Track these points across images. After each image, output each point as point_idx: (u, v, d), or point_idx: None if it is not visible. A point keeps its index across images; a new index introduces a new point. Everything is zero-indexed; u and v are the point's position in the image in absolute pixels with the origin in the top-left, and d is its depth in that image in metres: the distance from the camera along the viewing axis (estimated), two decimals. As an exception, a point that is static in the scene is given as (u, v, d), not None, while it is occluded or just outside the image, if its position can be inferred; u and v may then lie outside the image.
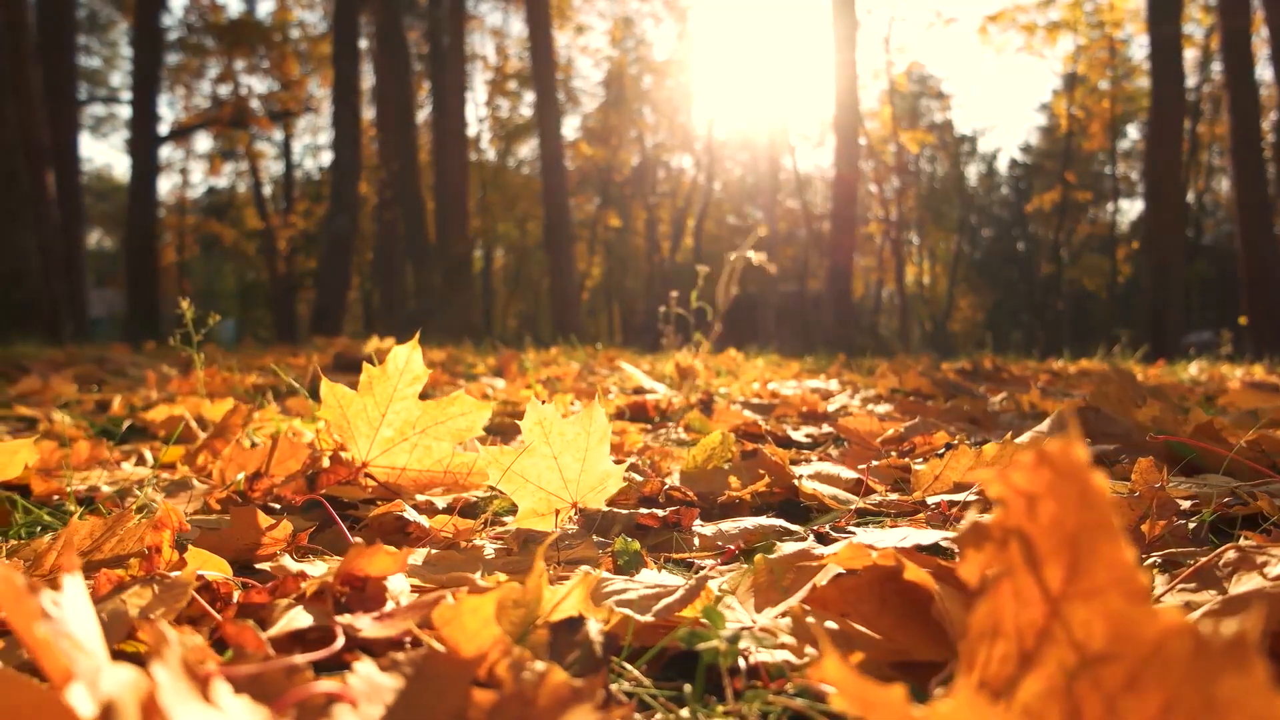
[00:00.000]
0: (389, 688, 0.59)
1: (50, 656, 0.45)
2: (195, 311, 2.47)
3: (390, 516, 1.33)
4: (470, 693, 0.58)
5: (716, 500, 1.55)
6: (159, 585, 0.78)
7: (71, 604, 0.54)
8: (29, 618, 0.45)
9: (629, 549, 1.14)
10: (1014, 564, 0.56)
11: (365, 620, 0.72)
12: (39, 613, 0.45)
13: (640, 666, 0.76)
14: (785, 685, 0.72)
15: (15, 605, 0.46)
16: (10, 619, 0.46)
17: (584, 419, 1.35)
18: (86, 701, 0.44)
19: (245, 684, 0.57)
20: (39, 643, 0.45)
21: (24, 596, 0.46)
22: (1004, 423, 2.70)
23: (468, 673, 0.60)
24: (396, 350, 1.60)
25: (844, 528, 1.33)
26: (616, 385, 3.85)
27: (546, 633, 0.71)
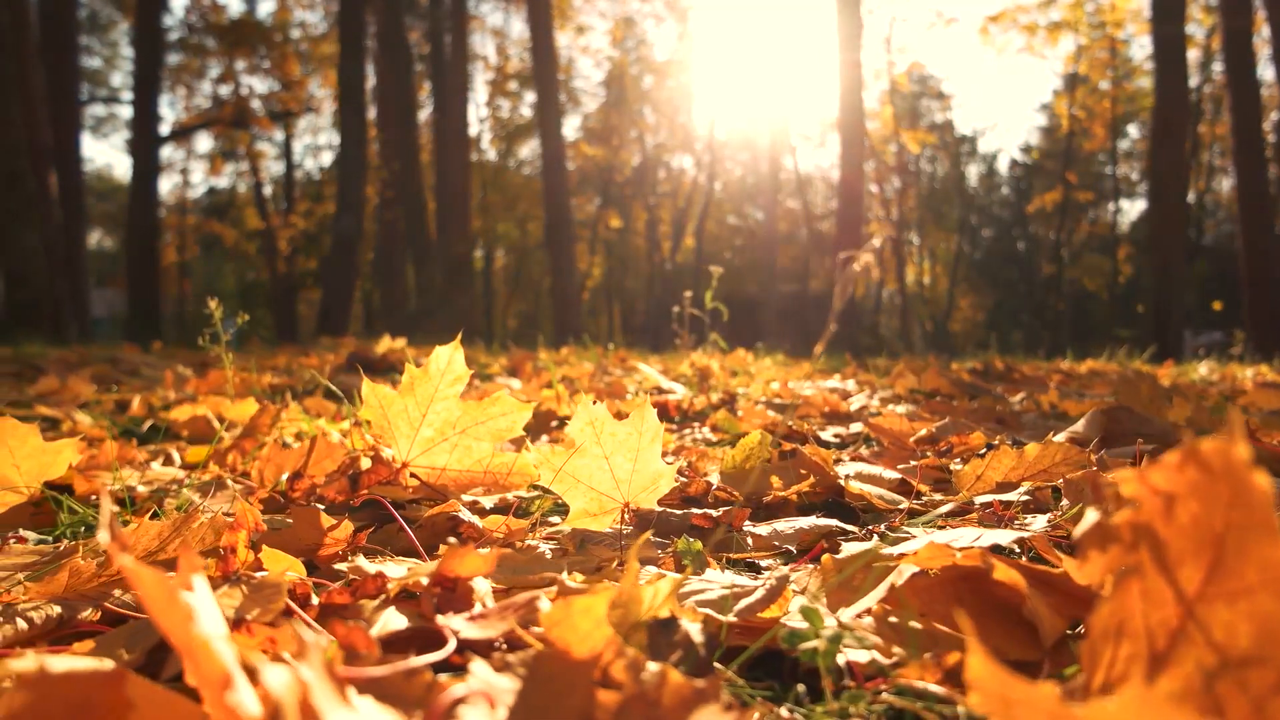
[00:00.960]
0: (507, 689, 0.59)
1: (207, 659, 0.44)
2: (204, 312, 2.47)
3: (443, 517, 1.33)
4: (594, 693, 0.58)
5: (762, 500, 1.55)
6: (247, 586, 0.77)
7: (201, 605, 0.53)
8: (184, 620, 0.45)
9: (692, 549, 1.13)
10: (1144, 564, 0.56)
11: (460, 621, 0.72)
12: (191, 614, 0.45)
13: (733, 666, 0.76)
14: (882, 684, 0.72)
15: (167, 607, 0.45)
16: (162, 620, 0.46)
17: (636, 420, 1.34)
18: (253, 702, 0.43)
19: (367, 686, 0.57)
20: (195, 644, 0.44)
21: (176, 598, 0.45)
22: (1028, 422, 2.69)
23: (586, 673, 0.60)
24: (438, 351, 1.60)
25: (899, 528, 1.32)
26: (634, 385, 3.85)
27: (645, 633, 0.71)
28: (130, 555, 0.47)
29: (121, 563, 0.47)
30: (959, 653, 0.76)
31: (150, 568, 0.46)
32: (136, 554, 1.01)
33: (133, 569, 0.46)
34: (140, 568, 0.46)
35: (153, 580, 0.46)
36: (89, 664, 0.56)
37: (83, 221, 19.68)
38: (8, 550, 1.18)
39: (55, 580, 0.93)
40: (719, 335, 4.49)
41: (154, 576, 0.46)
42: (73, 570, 0.94)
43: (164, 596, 0.45)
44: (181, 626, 0.45)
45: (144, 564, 0.46)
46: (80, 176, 19.16)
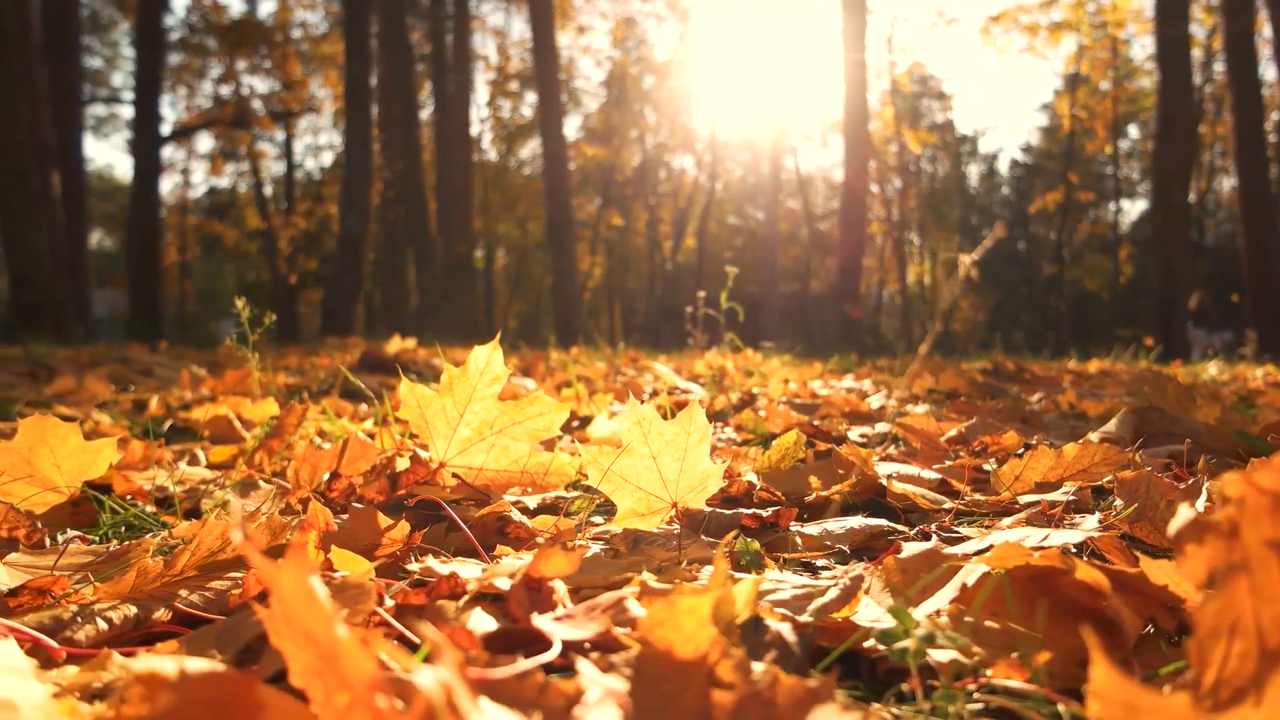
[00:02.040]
0: (618, 690, 0.59)
1: (354, 660, 0.44)
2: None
3: (491, 517, 1.33)
4: (710, 693, 0.58)
5: (803, 500, 1.55)
6: (331, 588, 0.77)
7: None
8: (326, 622, 0.45)
9: (749, 549, 1.13)
10: (1252, 560, 0.56)
11: (549, 621, 0.72)
12: (333, 616, 0.45)
13: (820, 667, 0.76)
14: (971, 684, 0.72)
15: (307, 608, 0.45)
16: (301, 622, 0.46)
17: (684, 419, 1.34)
18: (397, 703, 0.43)
19: (483, 687, 0.57)
20: (340, 646, 0.44)
21: (317, 600, 0.45)
22: (1051, 422, 2.69)
23: (697, 673, 0.60)
24: (477, 351, 1.60)
25: (950, 528, 1.32)
26: (650, 385, 3.85)
27: (736, 634, 0.71)
28: (264, 555, 0.47)
29: (259, 564, 0.47)
30: (1047, 652, 0.76)
31: (289, 569, 0.46)
32: (303, 551, 1.01)
33: (271, 570, 0.46)
34: (279, 569, 0.46)
35: (292, 582, 0.45)
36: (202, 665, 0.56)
37: (85, 222, 19.67)
38: (66, 550, 1.18)
39: (123, 580, 0.93)
40: (724, 335, 4.50)
41: (294, 578, 0.45)
42: (140, 570, 0.94)
43: (304, 598, 0.45)
44: (325, 628, 0.45)
45: (284, 565, 0.46)
46: (83, 177, 19.16)
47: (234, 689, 0.47)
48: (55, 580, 0.92)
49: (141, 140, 22.38)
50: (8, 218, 9.57)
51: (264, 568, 0.46)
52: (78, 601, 0.94)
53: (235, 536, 0.46)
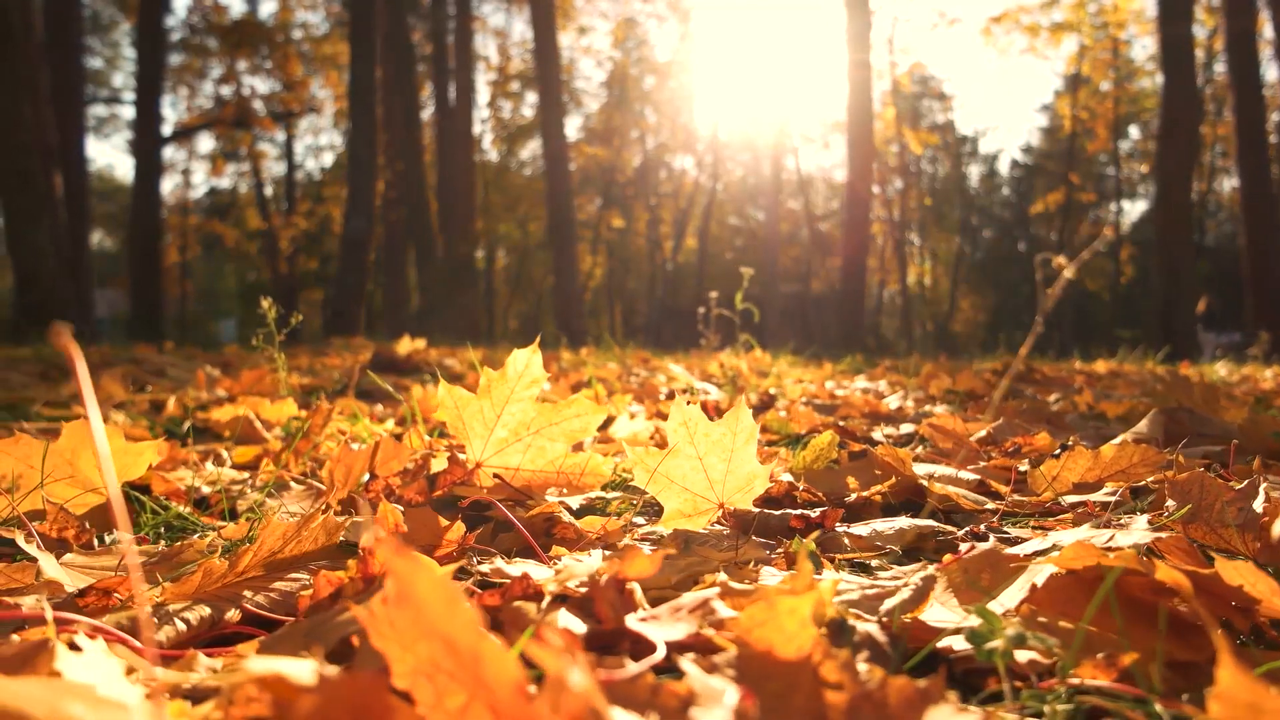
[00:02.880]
0: (724, 690, 0.59)
1: (497, 663, 0.44)
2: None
3: (540, 517, 1.33)
4: (822, 693, 0.57)
5: (843, 500, 1.55)
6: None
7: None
8: (469, 624, 0.45)
9: (806, 549, 1.13)
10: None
11: (635, 622, 0.71)
12: (476, 618, 0.45)
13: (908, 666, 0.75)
14: (1056, 684, 0.72)
15: (447, 611, 0.45)
16: (441, 624, 0.46)
17: (730, 420, 1.34)
18: (547, 707, 0.43)
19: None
20: (484, 649, 0.44)
21: (458, 603, 0.45)
22: (1073, 423, 2.70)
23: (805, 673, 0.60)
24: (517, 353, 1.60)
25: (997, 528, 1.32)
26: (666, 386, 3.85)
27: (825, 633, 0.71)
28: (406, 557, 0.47)
29: (399, 566, 0.46)
30: (1134, 653, 0.76)
31: (428, 571, 0.46)
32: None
33: (411, 573, 0.46)
34: (419, 572, 0.46)
35: (431, 584, 0.45)
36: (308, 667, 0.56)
37: (87, 222, 19.67)
38: (116, 550, 1.18)
39: (189, 581, 0.93)
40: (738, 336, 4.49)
41: (432, 580, 0.45)
42: (206, 571, 0.94)
43: (445, 601, 0.45)
44: (468, 630, 0.44)
45: (423, 567, 0.46)
46: (85, 177, 19.16)
47: (370, 692, 0.47)
48: (121, 581, 0.91)
49: (142, 140, 22.36)
50: (13, 218, 9.56)
51: (403, 570, 0.46)
52: (153, 602, 0.93)
53: (367, 540, 0.46)
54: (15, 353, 6.17)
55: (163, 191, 28.71)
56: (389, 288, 24.18)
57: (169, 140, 28.17)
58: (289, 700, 0.50)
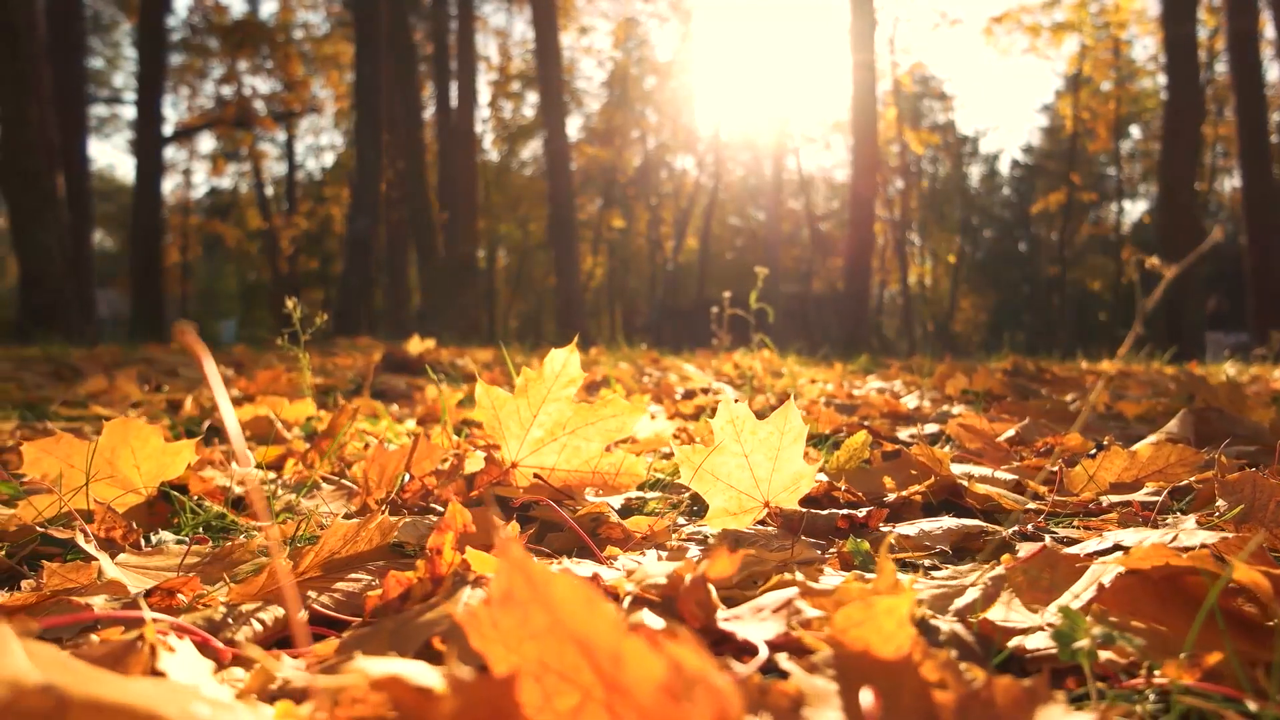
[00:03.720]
0: (830, 690, 0.59)
1: (640, 663, 0.44)
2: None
3: (587, 517, 1.33)
4: (930, 692, 0.57)
5: (882, 500, 1.55)
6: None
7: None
8: (610, 625, 0.44)
9: (860, 549, 1.13)
10: None
11: (728, 622, 0.71)
12: (617, 617, 0.45)
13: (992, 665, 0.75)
14: (1140, 684, 0.72)
15: (586, 612, 0.45)
16: (578, 625, 0.45)
17: (778, 419, 1.34)
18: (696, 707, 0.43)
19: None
20: (627, 649, 0.44)
21: (596, 604, 0.45)
22: (1094, 424, 2.70)
23: (908, 673, 0.60)
24: (554, 353, 1.60)
25: (1045, 528, 1.32)
26: (680, 386, 3.85)
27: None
28: (529, 559, 0.47)
29: (529, 569, 0.46)
30: (1220, 652, 0.76)
31: (563, 573, 0.46)
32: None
33: (544, 575, 0.46)
34: (553, 573, 0.46)
35: (568, 586, 0.45)
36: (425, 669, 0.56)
37: (89, 222, 19.65)
38: (166, 550, 1.18)
39: (253, 581, 0.93)
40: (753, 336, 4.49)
41: (568, 582, 0.45)
42: (270, 571, 0.93)
43: (582, 602, 0.45)
44: (609, 631, 0.44)
45: (557, 570, 0.46)
46: (87, 178, 19.14)
47: (505, 695, 0.47)
48: (187, 581, 0.91)
49: (144, 141, 22.36)
50: (19, 218, 9.56)
51: (536, 573, 0.46)
52: (208, 603, 0.93)
53: (501, 540, 0.46)
54: (24, 352, 6.17)
55: (164, 191, 28.73)
56: (390, 288, 24.17)
57: (170, 140, 28.16)
58: (416, 702, 0.50)
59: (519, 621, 0.57)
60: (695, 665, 0.43)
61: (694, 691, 0.42)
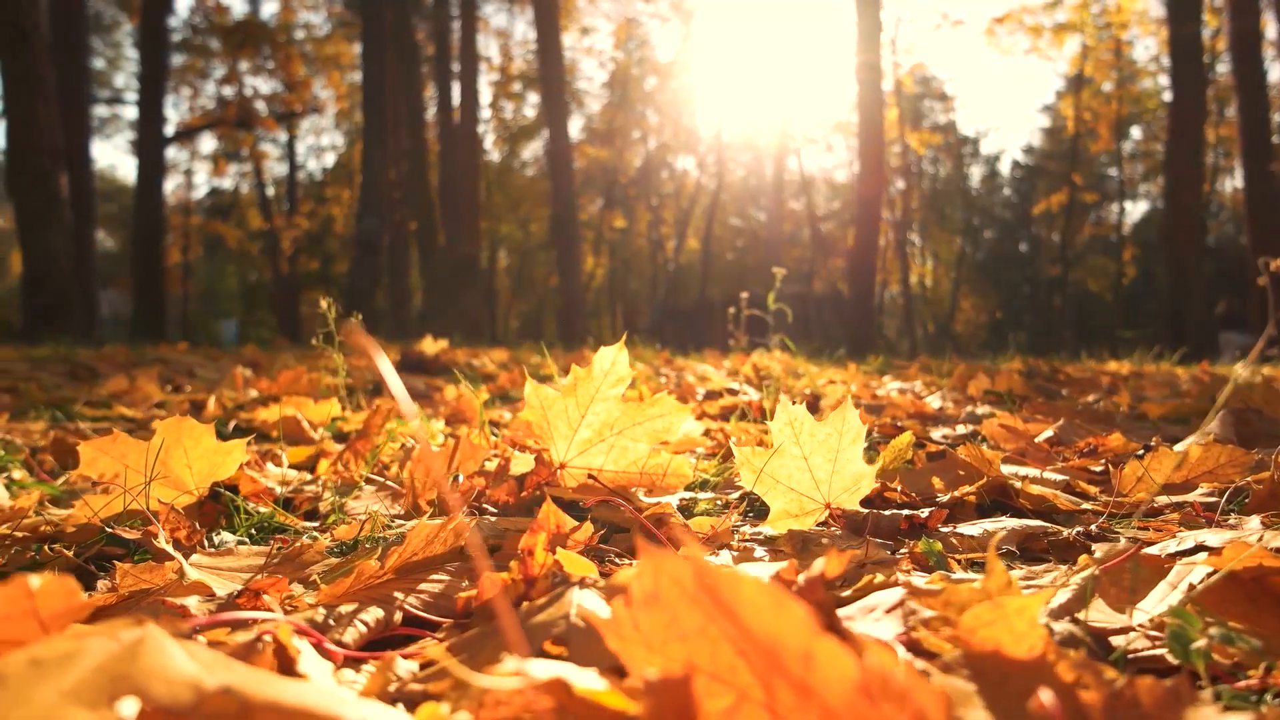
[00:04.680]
0: (970, 690, 0.59)
1: (833, 662, 0.44)
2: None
3: (651, 517, 1.33)
4: (1076, 693, 0.57)
5: (934, 500, 1.54)
6: (603, 593, 0.77)
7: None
8: (802, 626, 0.44)
9: (933, 549, 1.13)
10: None
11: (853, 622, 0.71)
12: (808, 617, 0.45)
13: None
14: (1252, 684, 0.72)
15: (776, 613, 0.45)
16: (767, 625, 0.45)
17: (836, 420, 1.34)
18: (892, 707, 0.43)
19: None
20: (819, 649, 0.44)
21: (786, 604, 0.45)
22: (1123, 424, 2.70)
23: (1047, 673, 0.60)
24: (603, 351, 1.60)
25: (1108, 528, 1.32)
26: (702, 387, 3.85)
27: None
28: (703, 561, 0.47)
29: (718, 574, 0.46)
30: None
31: (750, 576, 0.46)
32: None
33: (731, 578, 0.46)
34: (742, 576, 0.46)
35: (756, 588, 0.45)
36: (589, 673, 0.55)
37: (91, 223, 19.64)
38: (236, 552, 1.18)
39: (341, 583, 0.92)
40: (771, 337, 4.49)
41: (757, 584, 0.45)
42: (358, 572, 0.93)
43: (772, 604, 0.45)
44: (799, 632, 0.44)
45: (741, 574, 0.46)
46: (90, 179, 19.13)
47: (685, 697, 0.47)
48: (274, 582, 0.91)
49: (145, 141, 22.35)
50: (26, 219, 9.55)
51: (721, 576, 0.46)
52: (297, 604, 0.93)
53: (644, 542, 0.46)
54: (34, 353, 6.16)
55: (165, 192, 28.71)
56: (392, 288, 24.16)
57: (171, 140, 28.15)
58: (582, 706, 0.50)
59: (666, 622, 0.57)
60: (893, 666, 0.42)
61: (893, 692, 0.42)
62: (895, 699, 0.42)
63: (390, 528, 1.32)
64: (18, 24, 9.56)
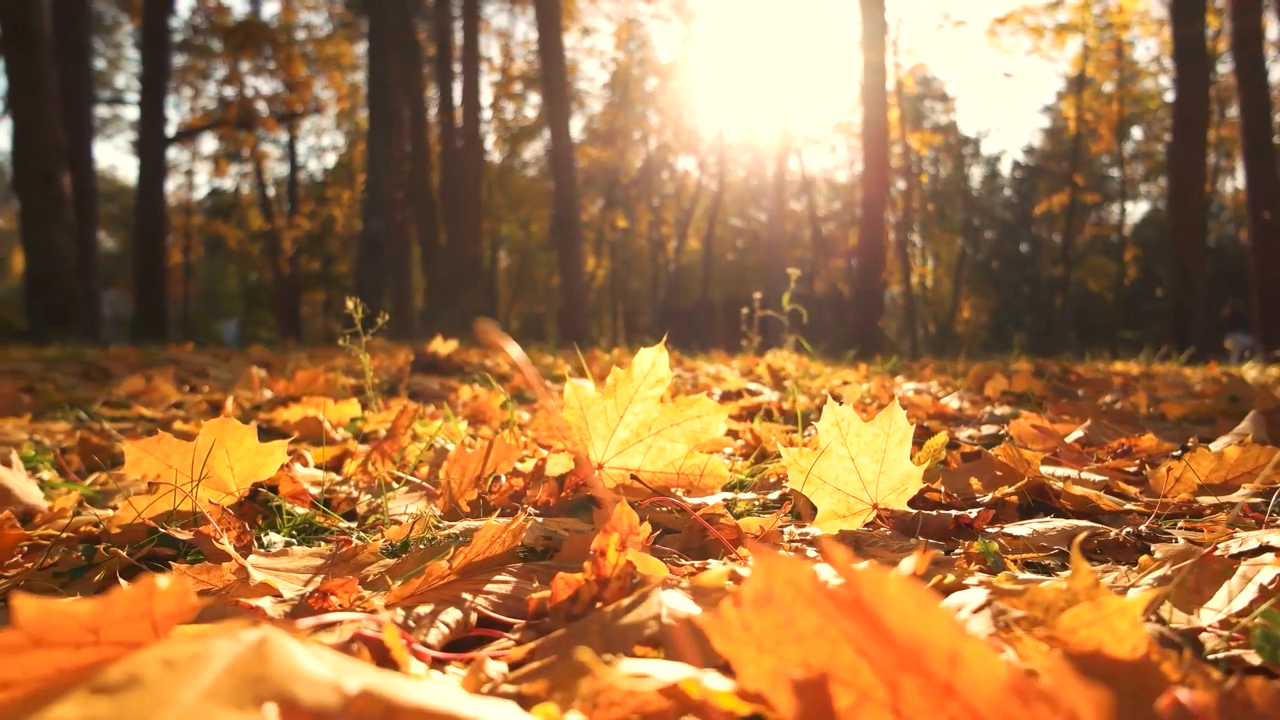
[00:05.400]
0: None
1: (983, 662, 0.44)
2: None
3: (703, 517, 1.32)
4: (1192, 692, 0.57)
5: (974, 501, 1.54)
6: (690, 593, 0.77)
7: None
8: (949, 625, 0.44)
9: (990, 550, 1.13)
10: None
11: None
12: (954, 617, 0.45)
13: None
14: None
15: (921, 613, 0.45)
16: (914, 626, 0.45)
17: (883, 420, 1.34)
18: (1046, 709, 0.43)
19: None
20: (966, 647, 0.44)
21: (931, 604, 0.45)
22: (1146, 425, 2.70)
23: (1151, 674, 0.60)
24: (643, 352, 1.59)
25: (1157, 529, 1.32)
26: (717, 387, 3.85)
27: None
28: (849, 563, 0.47)
29: (861, 576, 0.46)
30: None
31: (896, 576, 0.46)
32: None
33: (875, 577, 0.46)
34: (887, 575, 0.46)
35: (901, 588, 0.45)
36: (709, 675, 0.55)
37: (93, 223, 19.64)
38: (291, 553, 1.18)
39: (411, 584, 0.92)
40: (785, 338, 4.49)
41: (902, 583, 0.45)
42: (428, 573, 0.93)
43: (918, 604, 0.45)
44: (946, 632, 0.44)
45: (886, 574, 0.46)
46: (93, 179, 19.13)
47: (829, 695, 0.47)
48: (344, 583, 0.91)
49: (147, 141, 22.35)
50: (31, 219, 9.55)
51: (866, 576, 0.46)
52: (367, 605, 0.93)
53: (754, 543, 0.46)
54: (42, 353, 6.15)
55: (166, 192, 28.69)
56: (394, 288, 24.18)
57: (173, 141, 28.15)
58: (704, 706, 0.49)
59: (779, 623, 0.57)
60: (1048, 667, 0.42)
61: (1045, 694, 0.42)
62: (1048, 701, 0.42)
63: (439, 528, 1.32)
64: (23, 25, 9.56)
